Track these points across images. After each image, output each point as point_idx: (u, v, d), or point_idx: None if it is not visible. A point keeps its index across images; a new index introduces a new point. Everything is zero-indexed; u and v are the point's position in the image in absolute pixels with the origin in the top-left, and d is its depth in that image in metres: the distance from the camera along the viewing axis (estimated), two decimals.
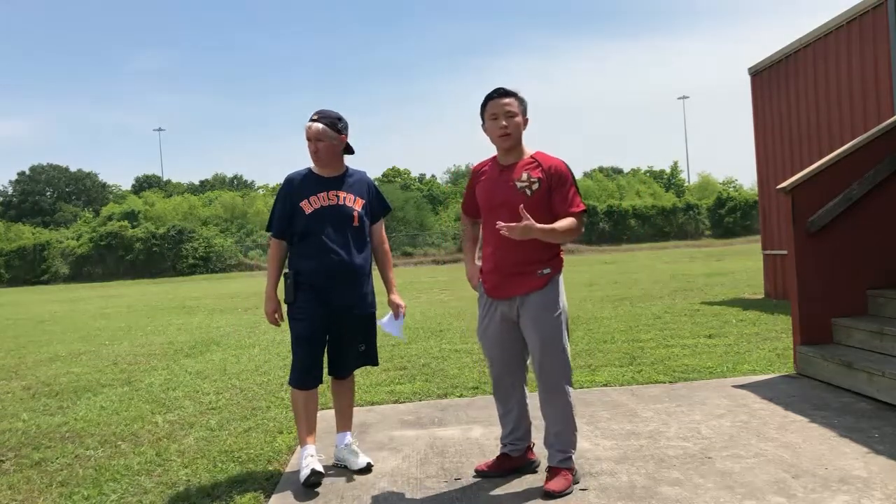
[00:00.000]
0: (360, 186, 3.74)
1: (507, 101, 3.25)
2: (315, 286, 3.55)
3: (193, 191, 63.52)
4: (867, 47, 7.77)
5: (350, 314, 3.64)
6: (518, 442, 3.45)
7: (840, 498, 2.94)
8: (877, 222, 5.25)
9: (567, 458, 3.25)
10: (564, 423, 3.26)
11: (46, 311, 16.83)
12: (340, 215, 3.60)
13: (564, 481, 3.17)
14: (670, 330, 7.66)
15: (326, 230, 3.56)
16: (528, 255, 3.20)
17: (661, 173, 65.60)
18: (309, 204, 3.57)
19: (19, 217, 57.08)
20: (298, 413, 3.63)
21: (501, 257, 3.25)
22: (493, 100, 3.27)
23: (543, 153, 3.34)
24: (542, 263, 3.21)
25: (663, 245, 39.84)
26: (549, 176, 3.22)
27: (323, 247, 3.54)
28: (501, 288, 3.27)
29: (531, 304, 3.21)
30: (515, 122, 3.25)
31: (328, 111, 3.64)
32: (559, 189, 3.21)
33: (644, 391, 5.01)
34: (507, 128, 3.23)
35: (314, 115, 3.60)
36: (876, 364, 4.44)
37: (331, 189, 3.62)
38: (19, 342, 10.40)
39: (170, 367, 7.30)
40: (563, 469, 3.22)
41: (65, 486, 3.73)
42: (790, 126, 9.58)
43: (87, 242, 41.20)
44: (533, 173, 3.23)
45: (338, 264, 3.54)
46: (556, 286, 3.25)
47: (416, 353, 7.13)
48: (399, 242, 42.76)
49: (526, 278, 3.21)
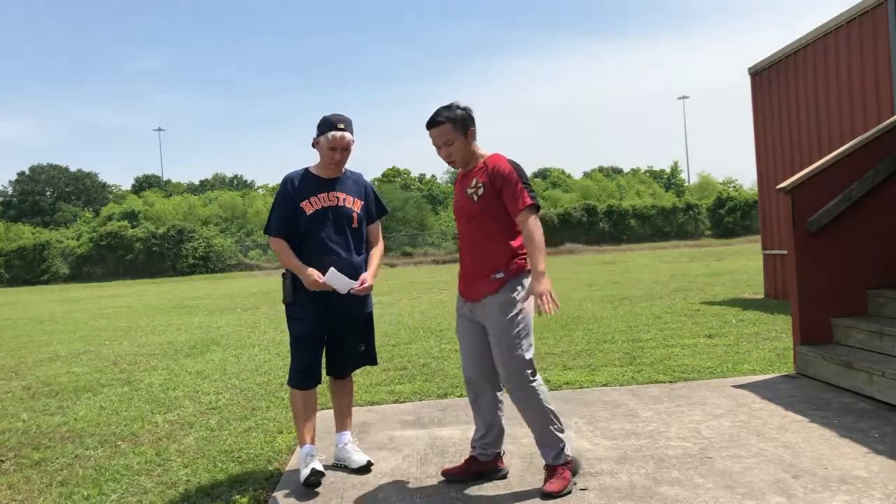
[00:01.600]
0: (359, 188, 3.75)
1: (438, 130, 3.24)
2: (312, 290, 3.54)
3: (193, 191, 63.50)
4: (867, 47, 7.76)
5: (349, 314, 3.65)
6: (487, 447, 3.42)
7: (840, 498, 2.94)
8: (877, 222, 5.25)
9: (558, 454, 3.22)
10: (540, 420, 3.22)
11: (46, 311, 16.83)
12: (340, 216, 3.61)
13: (561, 481, 3.16)
14: (670, 330, 7.66)
15: (326, 231, 3.57)
16: (482, 258, 3.25)
17: (661, 173, 65.61)
18: (310, 205, 3.57)
19: (19, 217, 57.07)
20: (298, 413, 3.63)
21: (464, 261, 3.36)
22: (429, 130, 3.27)
23: (495, 156, 3.29)
24: (496, 268, 3.22)
25: (663, 245, 39.82)
26: (492, 179, 3.20)
27: (323, 247, 3.55)
28: (468, 290, 3.34)
29: (486, 306, 3.25)
30: (455, 148, 3.25)
31: (347, 117, 3.59)
32: (506, 188, 3.18)
33: (644, 391, 5.01)
34: (449, 156, 3.28)
35: (340, 124, 3.54)
36: (876, 364, 4.44)
37: (330, 190, 3.62)
38: (19, 342, 10.40)
39: (170, 367, 7.30)
40: (559, 466, 3.20)
41: (65, 486, 3.73)
42: (790, 126, 9.58)
43: (87, 242, 41.18)
44: (480, 178, 3.24)
45: (336, 265, 3.53)
46: (512, 289, 3.21)
47: (416, 353, 7.13)
48: (399, 242, 42.75)
49: (482, 281, 3.25)
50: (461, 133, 3.25)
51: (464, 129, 3.25)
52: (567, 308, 10.42)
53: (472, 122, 3.29)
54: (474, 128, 3.30)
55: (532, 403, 3.21)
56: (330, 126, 3.55)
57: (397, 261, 38.65)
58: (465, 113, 3.26)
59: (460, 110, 3.26)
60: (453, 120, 3.23)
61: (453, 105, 3.27)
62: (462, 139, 3.25)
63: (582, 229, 42.82)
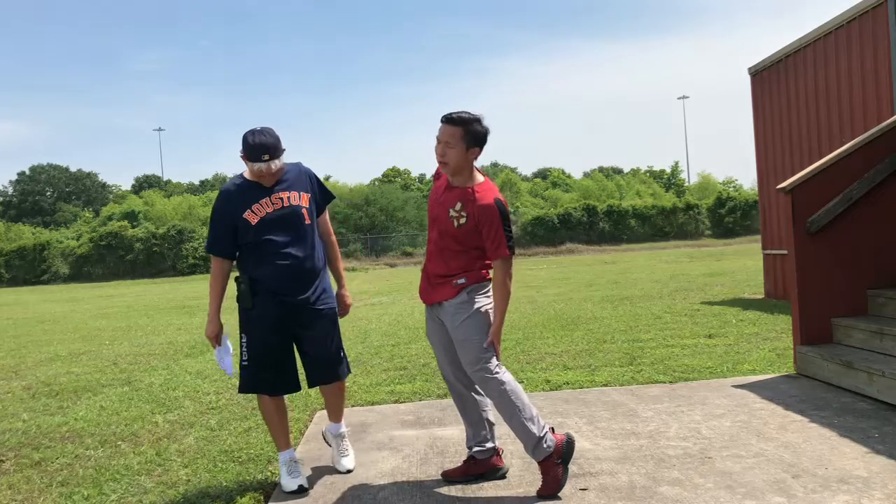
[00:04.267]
0: (301, 180, 3.54)
1: (449, 129, 3.21)
2: (272, 289, 3.41)
3: (193, 191, 63.46)
4: (867, 47, 7.76)
5: (312, 309, 3.47)
6: (482, 444, 3.43)
7: (840, 498, 2.94)
8: (877, 222, 5.25)
9: (537, 447, 3.17)
10: (510, 412, 3.19)
11: (46, 311, 16.83)
12: (290, 217, 3.42)
13: (549, 481, 3.14)
14: (670, 330, 7.66)
15: (277, 235, 3.38)
16: (447, 267, 3.28)
17: (661, 173, 65.56)
18: (253, 214, 3.37)
19: (19, 217, 57.10)
20: (273, 420, 3.52)
21: (430, 266, 3.38)
22: (441, 123, 3.25)
23: (485, 188, 3.25)
24: (459, 275, 3.26)
25: (663, 245, 39.80)
26: (476, 218, 3.19)
27: (276, 252, 3.38)
28: (427, 294, 3.39)
29: (446, 309, 3.30)
30: (451, 153, 3.21)
31: (271, 140, 3.32)
32: (488, 230, 3.18)
33: (644, 391, 5.01)
34: (444, 155, 3.24)
35: (265, 156, 3.27)
36: (876, 364, 4.44)
37: (272, 193, 3.41)
38: (19, 342, 10.40)
39: (170, 367, 7.30)
40: (543, 461, 3.17)
41: (65, 486, 3.73)
42: (790, 126, 9.58)
43: (87, 242, 41.16)
44: (465, 208, 3.22)
45: (294, 267, 3.40)
46: (472, 293, 3.26)
47: (416, 353, 7.13)
48: (399, 242, 42.73)
49: (444, 287, 3.29)
50: (465, 144, 3.21)
51: (469, 142, 3.21)
52: (567, 308, 10.42)
53: (481, 144, 3.25)
54: (479, 150, 3.25)
55: (497, 395, 3.20)
56: (254, 156, 3.29)
57: (397, 261, 38.62)
58: (481, 130, 3.23)
59: (479, 126, 3.22)
60: (466, 128, 3.20)
61: (477, 117, 3.23)
62: (462, 150, 3.21)
63: (582, 229, 42.81)
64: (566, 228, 42.46)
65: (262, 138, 3.31)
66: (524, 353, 6.74)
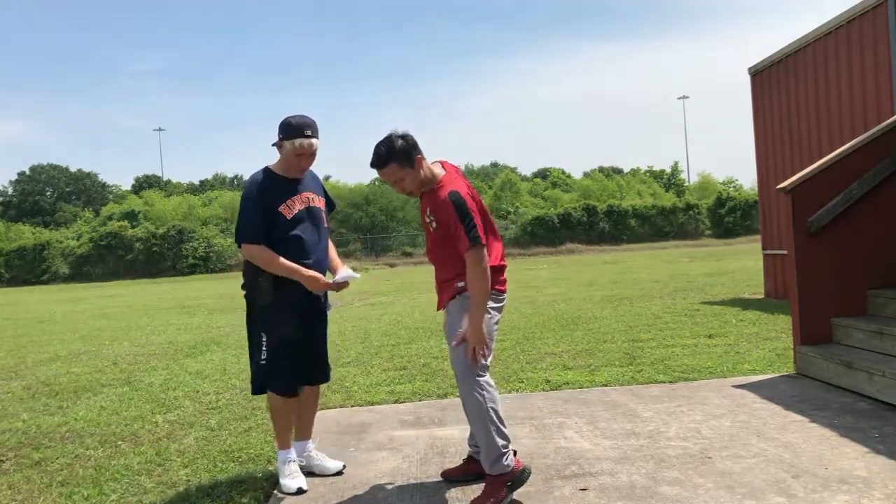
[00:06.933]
0: (317, 184, 3.64)
1: (386, 171, 3.17)
2: (294, 288, 3.42)
3: (193, 191, 63.46)
4: (867, 47, 7.76)
5: (321, 311, 3.62)
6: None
7: (840, 498, 2.94)
8: (877, 222, 5.25)
9: (496, 462, 3.08)
10: (477, 424, 3.15)
11: (46, 311, 16.83)
12: (315, 217, 3.52)
13: (489, 497, 3.05)
14: (670, 330, 7.66)
15: (305, 233, 3.45)
16: (446, 271, 3.27)
17: (661, 173, 65.51)
18: (288, 209, 3.42)
19: (19, 217, 57.08)
20: (286, 419, 3.54)
21: (435, 275, 3.38)
22: (377, 171, 3.22)
23: (443, 183, 3.18)
24: (458, 278, 3.21)
25: (663, 245, 39.80)
26: (437, 220, 3.17)
27: (303, 249, 3.43)
28: (439, 299, 3.40)
29: (448, 311, 3.32)
30: (406, 182, 3.18)
31: (313, 121, 3.45)
32: (446, 227, 3.12)
33: (644, 391, 5.01)
34: (403, 189, 3.23)
35: (308, 131, 3.39)
36: (876, 364, 4.44)
37: (301, 191, 3.49)
38: (19, 342, 10.40)
39: (170, 367, 7.30)
40: (495, 477, 3.09)
41: (65, 486, 3.73)
42: (790, 126, 9.58)
43: (87, 242, 41.17)
44: (432, 212, 3.19)
45: (314, 267, 3.45)
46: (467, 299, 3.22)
47: (416, 353, 7.13)
48: (399, 242, 42.74)
49: (447, 290, 3.29)
50: (408, 166, 3.15)
51: (409, 161, 3.14)
52: (567, 308, 10.42)
53: (417, 150, 3.16)
54: (420, 154, 3.17)
55: (473, 406, 3.15)
56: (296, 132, 3.38)
57: (397, 261, 38.65)
58: (405, 144, 3.14)
59: (401, 141, 3.14)
60: (396, 157, 3.13)
61: (392, 137, 3.14)
62: (410, 171, 3.16)
63: (582, 229, 42.81)
64: (566, 228, 42.46)
65: (305, 118, 3.44)
66: (524, 353, 6.74)
